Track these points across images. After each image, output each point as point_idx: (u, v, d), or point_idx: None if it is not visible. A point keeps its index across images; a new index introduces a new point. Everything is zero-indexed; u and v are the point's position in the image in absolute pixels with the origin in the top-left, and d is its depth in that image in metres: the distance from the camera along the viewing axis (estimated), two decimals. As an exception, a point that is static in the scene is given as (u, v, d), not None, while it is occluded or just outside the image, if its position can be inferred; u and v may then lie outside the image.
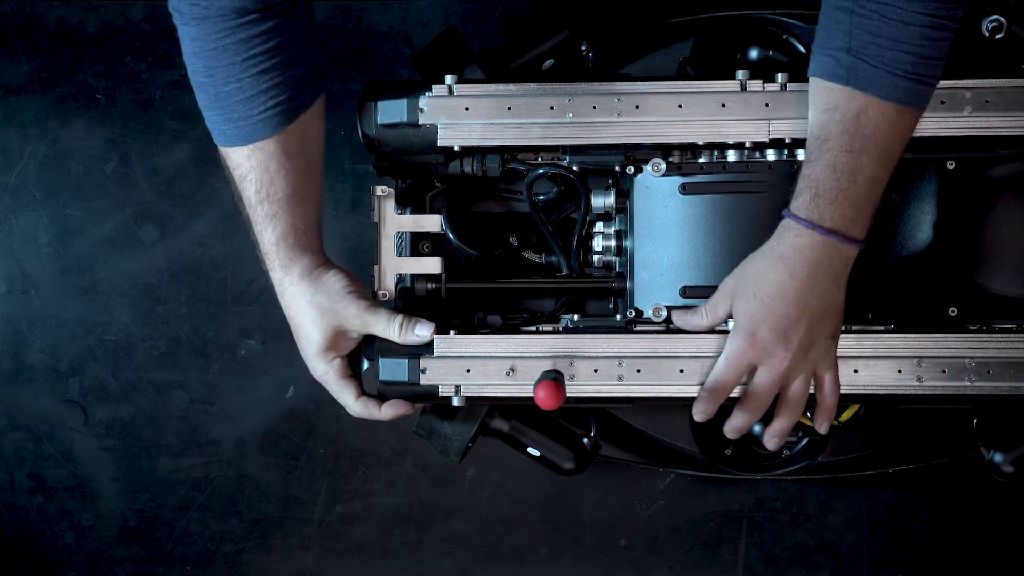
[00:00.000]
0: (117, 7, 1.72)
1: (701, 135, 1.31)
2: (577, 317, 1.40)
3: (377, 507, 1.72)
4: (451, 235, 1.40)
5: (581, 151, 1.36)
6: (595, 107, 1.32)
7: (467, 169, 1.37)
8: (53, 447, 1.74)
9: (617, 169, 1.37)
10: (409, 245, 1.42)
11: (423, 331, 1.29)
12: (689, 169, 1.33)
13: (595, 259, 1.39)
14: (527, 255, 1.45)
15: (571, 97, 1.32)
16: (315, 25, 1.26)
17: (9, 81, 1.73)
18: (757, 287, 1.15)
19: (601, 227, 1.39)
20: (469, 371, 1.31)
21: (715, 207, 1.32)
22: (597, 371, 1.29)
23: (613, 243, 1.38)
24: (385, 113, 1.34)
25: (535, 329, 1.36)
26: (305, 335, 1.28)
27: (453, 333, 1.32)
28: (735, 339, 1.17)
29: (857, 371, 1.29)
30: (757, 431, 1.51)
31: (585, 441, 1.47)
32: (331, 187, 1.70)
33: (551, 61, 1.44)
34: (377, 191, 1.41)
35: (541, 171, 1.36)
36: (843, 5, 1.11)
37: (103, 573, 1.75)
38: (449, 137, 1.34)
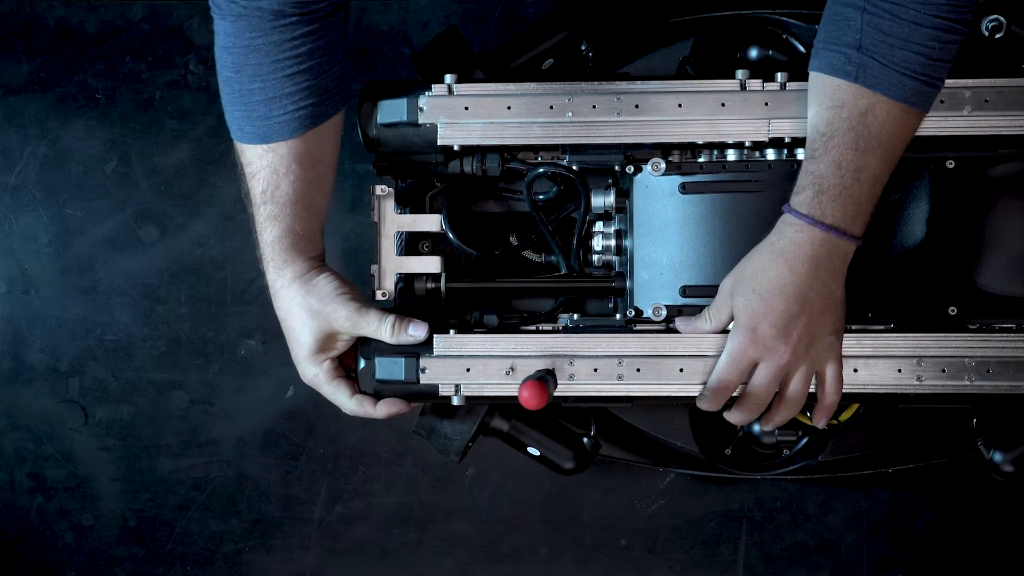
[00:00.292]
0: (117, 7, 1.73)
1: (701, 134, 1.31)
2: (577, 316, 1.40)
3: (377, 507, 1.72)
4: (451, 235, 1.40)
5: (581, 151, 1.36)
6: (595, 107, 1.32)
7: (467, 169, 1.37)
8: (53, 447, 1.74)
9: (617, 169, 1.37)
10: (409, 245, 1.42)
11: (416, 331, 1.29)
12: (689, 168, 1.33)
13: (595, 259, 1.39)
14: (527, 255, 1.45)
15: (571, 97, 1.32)
16: (347, 39, 1.27)
17: (9, 81, 1.73)
18: (756, 283, 1.15)
19: (601, 227, 1.39)
20: (469, 370, 1.31)
21: (715, 206, 1.32)
22: (597, 370, 1.29)
23: (613, 242, 1.38)
24: (385, 113, 1.34)
25: (535, 328, 1.36)
26: (296, 337, 1.29)
27: (453, 333, 1.32)
28: (736, 336, 1.17)
29: (857, 370, 1.29)
30: (757, 430, 1.51)
31: (585, 441, 1.47)
32: (331, 187, 1.70)
33: (551, 61, 1.44)
34: (377, 191, 1.41)
35: (541, 170, 1.36)
36: (855, 3, 1.11)
37: (103, 573, 1.75)
38: (449, 136, 1.34)
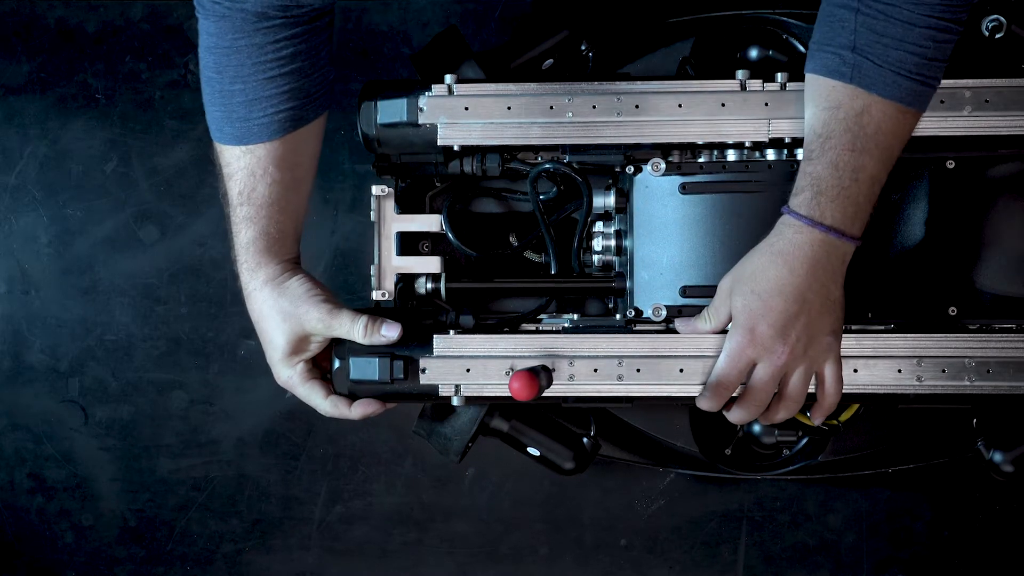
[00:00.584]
0: (117, 7, 1.73)
1: (701, 135, 1.31)
2: (577, 316, 1.39)
3: (377, 507, 1.72)
4: (451, 235, 1.40)
5: (581, 151, 1.36)
6: (595, 107, 1.32)
7: (467, 169, 1.37)
8: (53, 447, 1.74)
9: (617, 169, 1.37)
10: (409, 245, 1.42)
11: (389, 331, 1.29)
12: (689, 169, 1.33)
13: (595, 259, 1.39)
14: (527, 255, 1.45)
15: (571, 97, 1.32)
16: (332, 45, 1.27)
17: (9, 81, 1.73)
18: (755, 283, 1.15)
19: (601, 227, 1.39)
20: (469, 371, 1.31)
21: (715, 207, 1.32)
22: (597, 371, 1.29)
23: (613, 243, 1.38)
24: (385, 113, 1.34)
25: (535, 329, 1.36)
26: (269, 340, 1.29)
27: (453, 333, 1.32)
28: (735, 336, 1.17)
29: (857, 371, 1.29)
30: (757, 430, 1.51)
31: (585, 441, 1.47)
32: (331, 187, 1.70)
33: (551, 61, 1.44)
34: (376, 191, 1.41)
35: (548, 166, 1.36)
36: (848, 3, 1.11)
37: (103, 573, 1.75)
38: (449, 137, 1.34)
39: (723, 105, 1.30)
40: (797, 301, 1.14)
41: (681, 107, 1.31)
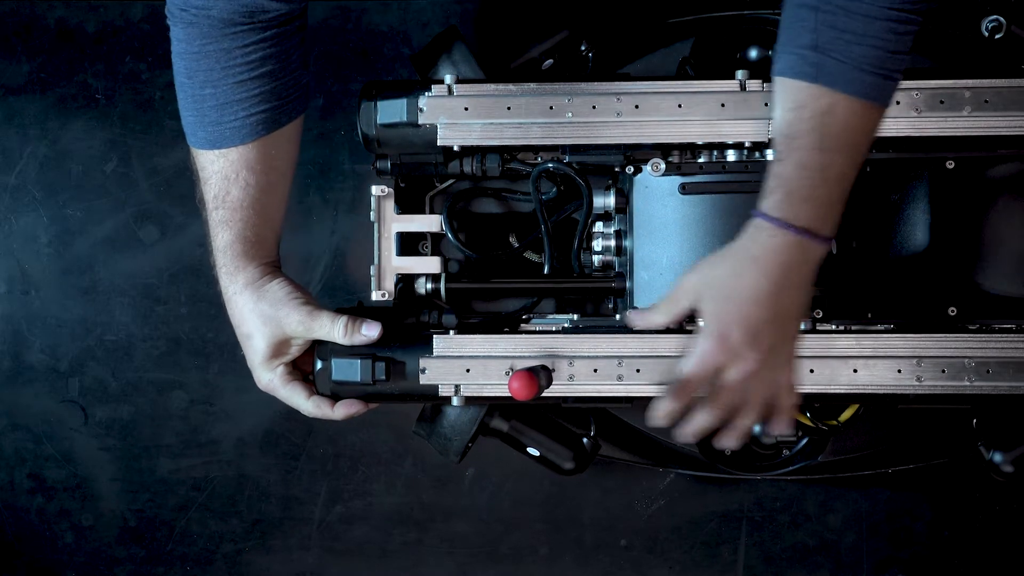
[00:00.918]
0: (117, 7, 1.72)
1: (701, 135, 1.31)
2: (577, 316, 1.39)
3: (377, 507, 1.72)
4: (450, 236, 1.40)
5: (581, 151, 1.36)
6: (595, 107, 1.32)
7: (467, 169, 1.37)
8: (53, 447, 1.74)
9: (617, 169, 1.37)
10: (408, 245, 1.42)
11: (369, 331, 1.29)
12: (688, 169, 1.33)
13: (595, 259, 1.39)
14: (528, 255, 1.45)
15: (571, 97, 1.32)
16: (304, 48, 1.27)
17: (9, 81, 1.73)
18: (729, 288, 1.11)
19: (601, 227, 1.39)
20: (468, 371, 1.31)
21: (714, 207, 1.32)
22: (597, 371, 1.29)
23: (613, 243, 1.38)
24: (385, 113, 1.34)
25: (535, 329, 1.36)
26: (249, 344, 1.29)
27: (453, 333, 1.32)
28: (707, 340, 1.12)
29: (857, 371, 1.29)
30: (757, 431, 1.51)
31: (585, 441, 1.47)
32: (331, 187, 1.70)
33: (551, 61, 1.44)
34: (376, 191, 1.41)
35: (550, 165, 1.36)
36: (807, 3, 1.10)
37: (103, 573, 1.75)
38: (448, 137, 1.34)
39: (723, 105, 1.30)
40: (771, 308, 1.11)
41: (681, 107, 1.31)
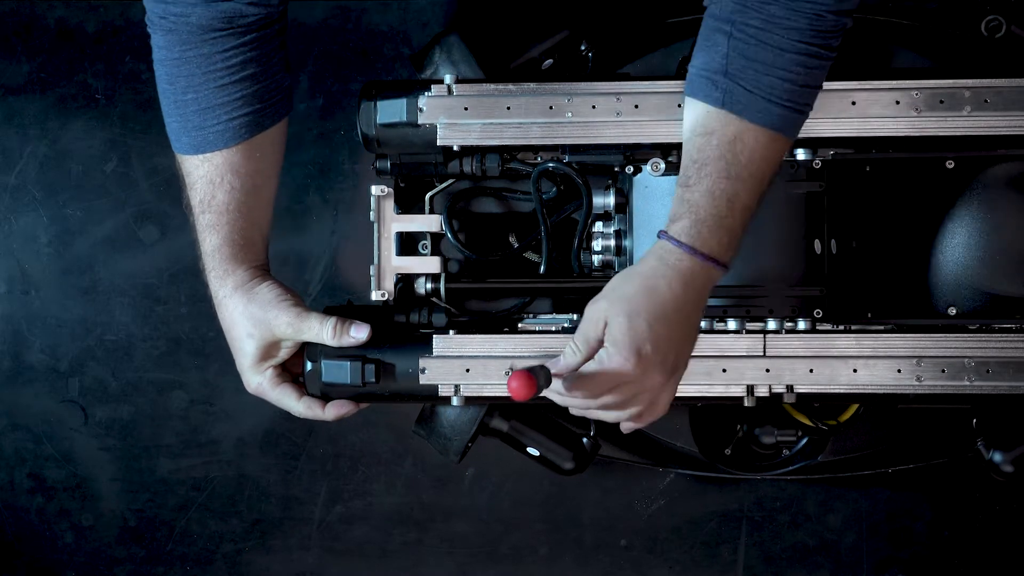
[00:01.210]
0: (117, 7, 1.73)
1: (700, 135, 1.31)
2: (576, 316, 1.39)
3: (377, 507, 1.72)
4: (450, 236, 1.40)
5: (581, 151, 1.36)
6: (594, 107, 1.32)
7: (467, 169, 1.37)
8: (53, 447, 1.74)
9: (616, 169, 1.37)
10: (408, 245, 1.42)
11: (358, 332, 1.29)
12: (688, 169, 1.33)
13: (595, 259, 1.39)
14: (528, 255, 1.45)
15: (570, 97, 1.32)
16: (285, 51, 1.28)
17: (9, 81, 1.73)
18: (639, 305, 1.10)
19: (601, 227, 1.39)
20: (468, 371, 1.31)
21: (714, 207, 1.32)
22: (596, 371, 1.29)
23: (613, 243, 1.38)
24: (384, 113, 1.34)
25: (535, 329, 1.36)
26: (239, 347, 1.29)
27: (452, 333, 1.32)
28: (617, 355, 1.09)
29: (857, 371, 1.29)
30: (757, 431, 1.51)
31: (585, 441, 1.47)
32: (331, 187, 1.70)
33: (551, 61, 1.44)
34: (376, 191, 1.41)
35: (550, 165, 1.36)
36: (721, 28, 1.10)
37: (103, 573, 1.75)
38: (448, 137, 1.34)
39: (723, 105, 1.30)
40: (681, 327, 1.10)
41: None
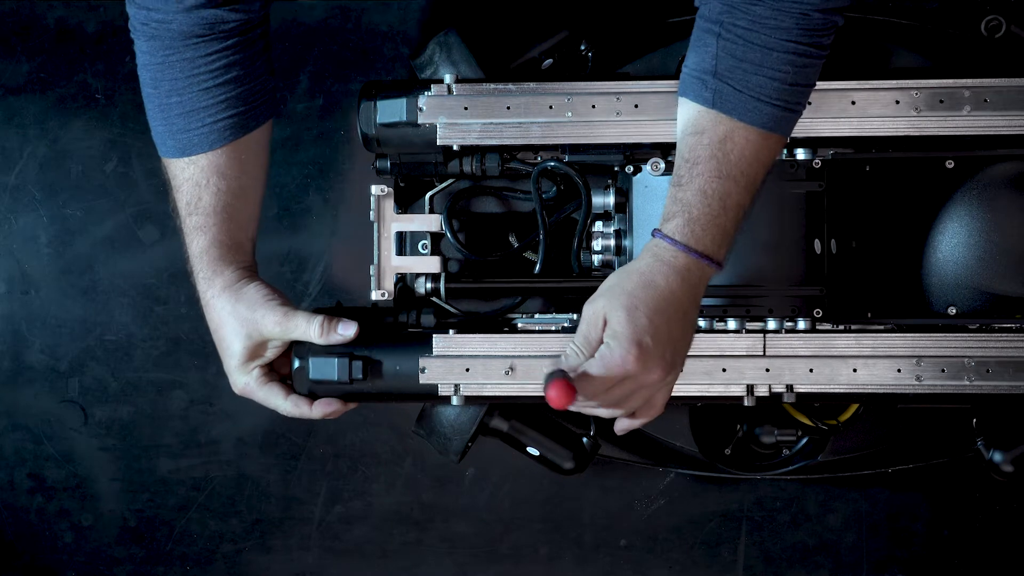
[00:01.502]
0: (117, 7, 1.72)
1: (700, 134, 1.31)
2: (576, 316, 1.39)
3: (377, 507, 1.72)
4: (449, 236, 1.40)
5: (580, 150, 1.36)
6: (594, 106, 1.32)
7: (466, 168, 1.37)
8: (53, 447, 1.74)
9: (616, 168, 1.37)
10: (408, 245, 1.42)
11: (345, 330, 1.29)
12: (688, 168, 1.33)
13: (595, 259, 1.39)
14: (527, 255, 1.45)
15: (570, 96, 1.32)
16: (270, 54, 1.28)
17: (9, 81, 1.73)
18: (639, 300, 1.09)
19: (601, 226, 1.39)
20: (468, 370, 1.31)
21: (714, 206, 1.32)
22: (596, 370, 1.29)
23: (613, 242, 1.38)
24: (384, 112, 1.34)
25: (535, 329, 1.36)
26: (226, 347, 1.29)
27: (452, 333, 1.32)
28: (619, 348, 1.08)
29: (856, 370, 1.29)
30: (757, 431, 1.51)
31: (584, 440, 1.47)
32: (331, 187, 1.70)
33: (550, 61, 1.44)
34: (376, 191, 1.41)
35: (551, 164, 1.36)
36: (711, 28, 1.10)
37: (103, 573, 1.75)
38: (448, 136, 1.34)
39: (722, 105, 1.30)
40: (678, 322, 1.10)
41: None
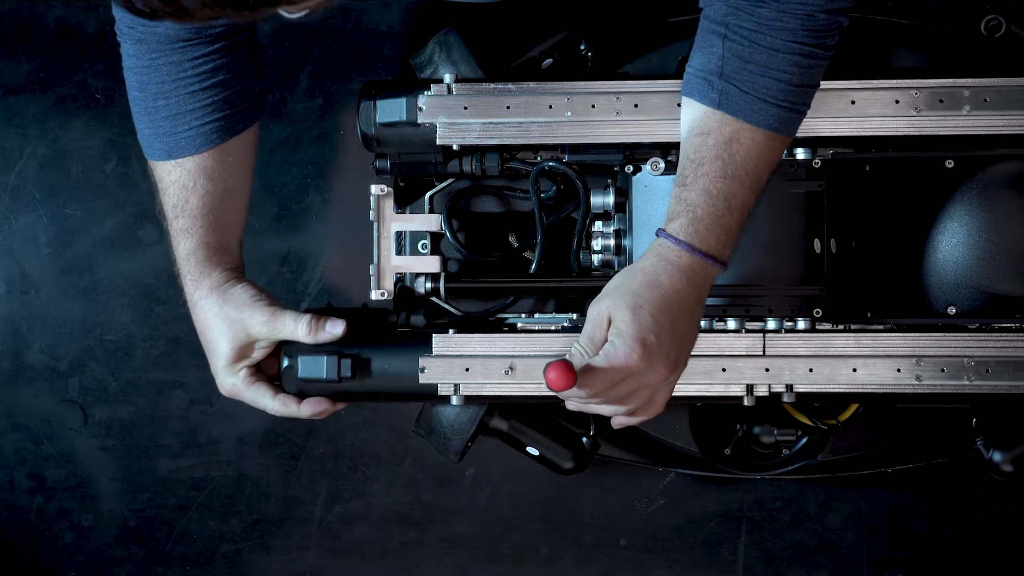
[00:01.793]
0: (117, 7, 1.73)
1: (700, 134, 1.31)
2: (576, 316, 1.39)
3: (377, 507, 1.72)
4: (449, 236, 1.40)
5: (580, 150, 1.36)
6: (594, 106, 1.32)
7: (466, 168, 1.37)
8: (53, 447, 1.74)
9: (616, 168, 1.37)
10: (408, 244, 1.42)
11: (333, 328, 1.29)
12: (688, 168, 1.33)
13: (595, 258, 1.39)
14: (527, 255, 1.45)
15: (570, 96, 1.32)
16: (256, 57, 1.29)
17: (9, 81, 1.73)
18: (644, 299, 1.09)
19: (600, 226, 1.39)
20: (468, 370, 1.31)
21: (714, 206, 1.32)
22: (596, 370, 1.29)
23: (612, 242, 1.38)
24: (384, 112, 1.34)
25: (535, 329, 1.36)
26: (213, 348, 1.29)
27: (452, 332, 1.32)
28: (624, 346, 1.08)
29: (856, 370, 1.29)
30: (757, 430, 1.51)
31: (584, 440, 1.47)
32: (330, 187, 1.70)
33: (550, 60, 1.44)
34: (376, 191, 1.41)
35: (551, 163, 1.36)
36: (716, 30, 1.10)
37: (103, 573, 1.75)
38: (448, 136, 1.34)
39: (722, 104, 1.30)
40: (683, 321, 1.10)
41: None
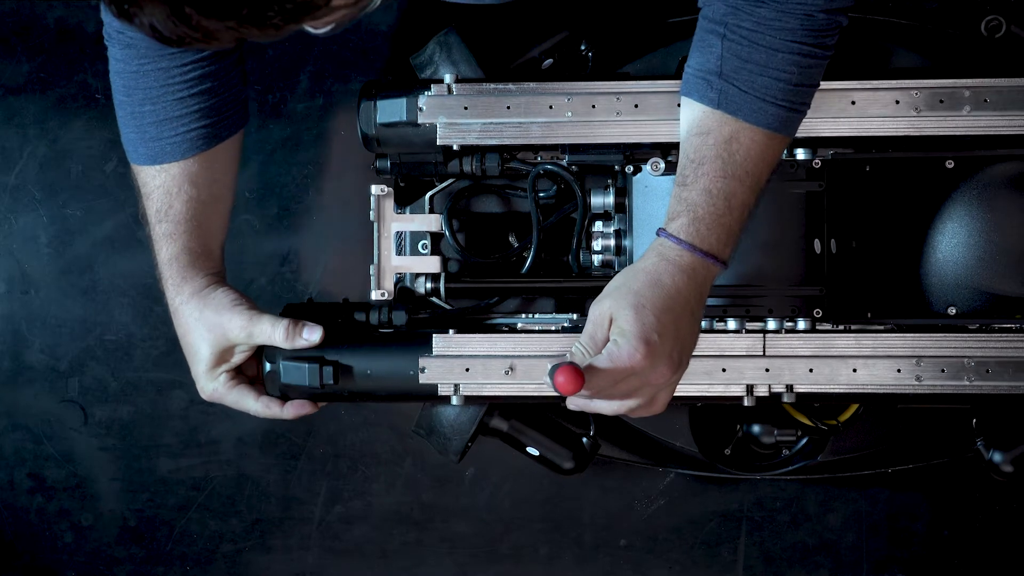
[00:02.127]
0: (117, 7, 1.72)
1: (700, 134, 1.31)
2: (576, 316, 1.40)
3: (377, 507, 1.72)
4: (449, 237, 1.40)
5: (580, 150, 1.36)
6: (594, 106, 1.32)
7: (466, 168, 1.38)
8: (53, 447, 1.74)
9: (616, 168, 1.37)
10: (408, 245, 1.42)
11: (310, 335, 1.29)
12: (688, 168, 1.33)
13: (595, 259, 1.39)
14: (527, 255, 1.45)
15: (570, 96, 1.32)
16: (243, 64, 1.29)
17: (9, 81, 1.73)
18: (646, 299, 1.09)
19: (600, 226, 1.39)
20: (468, 370, 1.31)
21: (714, 206, 1.32)
22: (596, 370, 1.29)
23: (612, 242, 1.38)
24: (384, 112, 1.34)
25: (535, 329, 1.36)
26: (194, 353, 1.29)
27: (452, 332, 1.32)
28: (627, 346, 1.07)
29: (856, 370, 1.29)
30: (757, 431, 1.51)
31: (584, 440, 1.47)
32: (330, 187, 1.70)
33: (551, 60, 1.44)
34: (376, 191, 1.41)
35: (550, 166, 1.36)
36: (715, 29, 1.11)
37: (103, 573, 1.75)
38: (448, 136, 1.34)
39: (722, 105, 1.30)
40: (685, 320, 1.10)
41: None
